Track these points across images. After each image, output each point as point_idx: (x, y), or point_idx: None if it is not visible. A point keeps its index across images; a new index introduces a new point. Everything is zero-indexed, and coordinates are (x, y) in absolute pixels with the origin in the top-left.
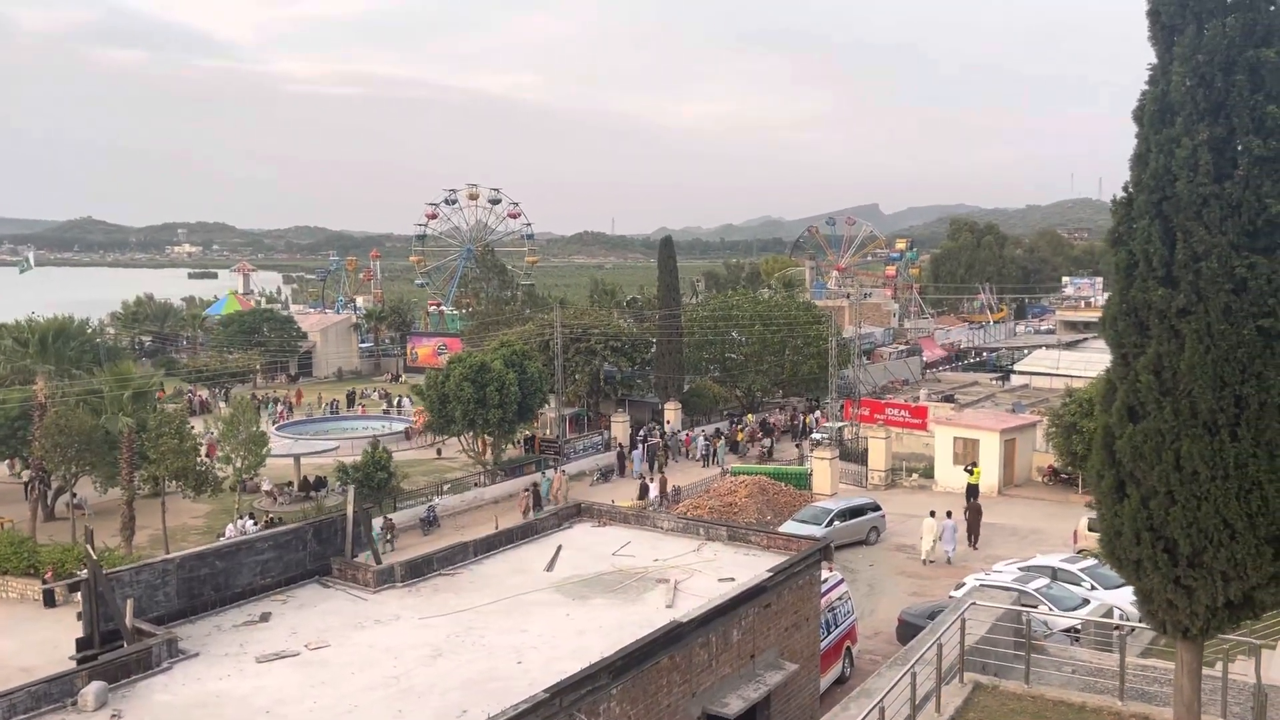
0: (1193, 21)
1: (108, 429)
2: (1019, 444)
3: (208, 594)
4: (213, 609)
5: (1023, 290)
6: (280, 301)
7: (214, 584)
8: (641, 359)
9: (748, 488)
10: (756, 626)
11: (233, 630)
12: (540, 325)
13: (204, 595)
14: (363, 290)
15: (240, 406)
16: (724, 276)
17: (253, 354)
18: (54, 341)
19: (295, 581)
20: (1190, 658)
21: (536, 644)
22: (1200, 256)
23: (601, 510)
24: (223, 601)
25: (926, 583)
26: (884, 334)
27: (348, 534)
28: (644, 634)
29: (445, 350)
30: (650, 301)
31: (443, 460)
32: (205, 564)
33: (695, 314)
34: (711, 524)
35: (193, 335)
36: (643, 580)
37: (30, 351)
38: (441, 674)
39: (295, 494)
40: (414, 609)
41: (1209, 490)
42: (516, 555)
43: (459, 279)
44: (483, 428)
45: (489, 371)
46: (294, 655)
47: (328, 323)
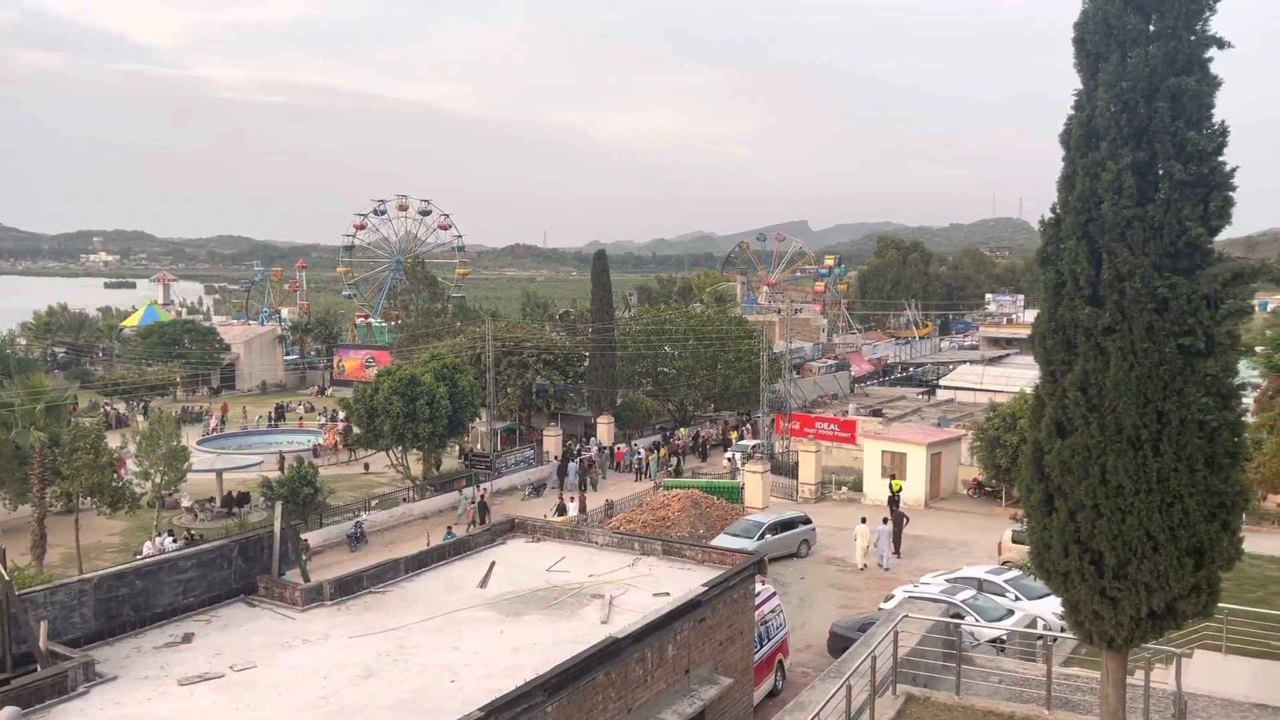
0: (1117, 50)
1: (18, 443)
2: (944, 458)
3: (127, 614)
4: (132, 630)
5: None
6: (202, 313)
7: (134, 604)
8: (574, 373)
9: (681, 502)
10: (691, 641)
11: (154, 652)
12: (471, 338)
13: (123, 616)
14: (288, 301)
15: (160, 420)
16: (656, 291)
17: (173, 366)
18: None
19: (219, 601)
20: (1115, 667)
21: (470, 662)
22: (1124, 277)
23: (535, 526)
24: (143, 622)
25: (857, 595)
26: (813, 349)
27: (274, 551)
28: (579, 650)
29: (373, 363)
30: (583, 315)
31: (370, 475)
32: (124, 583)
33: (628, 328)
34: (646, 539)
35: (109, 347)
36: (578, 596)
37: None
38: (372, 694)
39: (217, 510)
40: (343, 628)
41: (1133, 504)
42: (449, 572)
43: (388, 291)
44: (412, 442)
45: (419, 385)
46: (218, 677)
47: (251, 334)
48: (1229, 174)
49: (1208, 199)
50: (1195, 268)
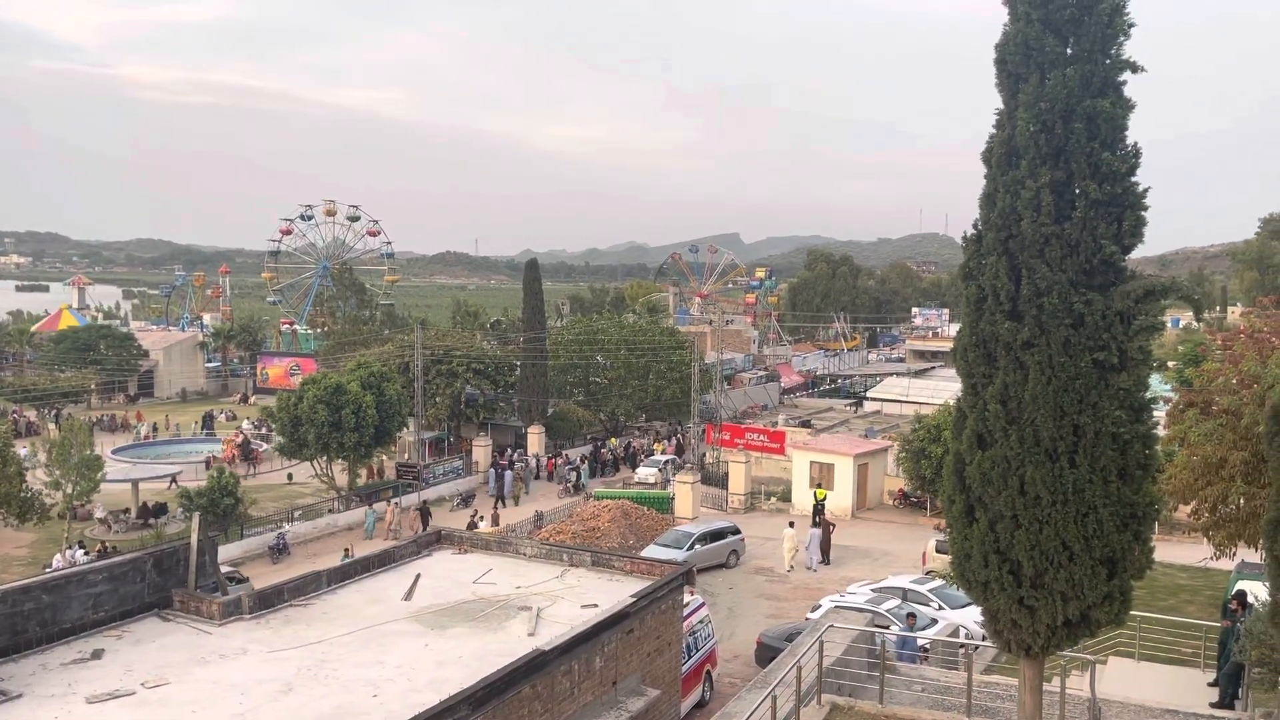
0: (1036, 71)
1: None
2: (871, 468)
3: (33, 630)
4: (38, 646)
5: (875, 320)
6: (119, 318)
7: (39, 619)
8: (505, 382)
9: (611, 512)
10: (619, 653)
11: (60, 669)
12: (400, 346)
13: (28, 632)
14: (210, 307)
15: (72, 428)
16: (589, 300)
17: (87, 373)
18: None
19: (132, 615)
20: (1032, 674)
21: (394, 676)
22: (1043, 292)
23: (462, 537)
24: (49, 638)
25: (784, 605)
26: (744, 360)
27: (191, 564)
28: (505, 663)
29: (298, 371)
30: (514, 324)
31: (294, 485)
32: (30, 598)
33: (560, 337)
34: (575, 549)
35: (20, 352)
36: (504, 608)
37: None
38: (291, 710)
39: (133, 521)
40: (263, 642)
41: (1050, 514)
42: (373, 584)
43: (314, 297)
44: (337, 451)
45: (345, 393)
46: (129, 695)
47: (171, 340)
48: (1142, 194)
49: (1121, 218)
50: (1110, 284)
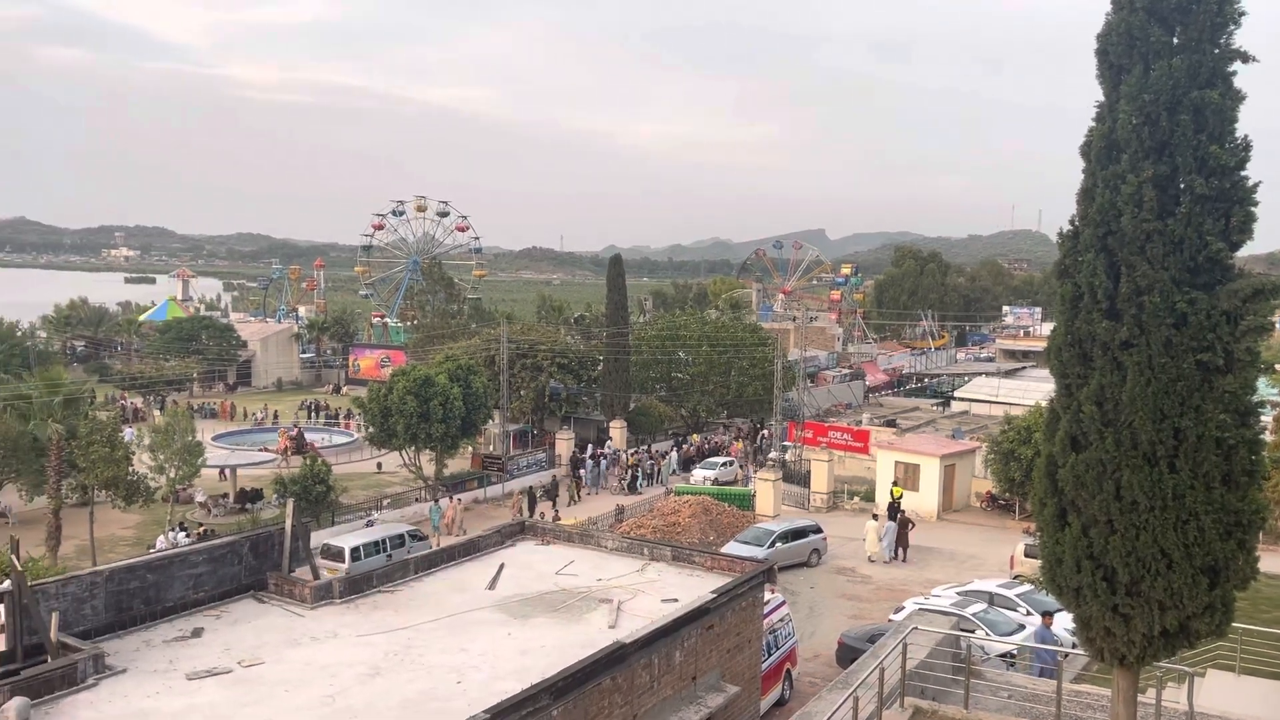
0: (1140, 61)
1: (36, 435)
2: (958, 469)
3: (137, 608)
4: (142, 624)
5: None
6: (220, 309)
7: (144, 598)
8: (588, 376)
9: (691, 508)
10: (699, 648)
11: (163, 646)
12: (486, 340)
13: (134, 609)
14: (305, 300)
15: (176, 415)
16: (672, 296)
17: (189, 362)
18: None
19: (229, 596)
20: (1126, 685)
21: (477, 664)
22: (1143, 291)
23: (545, 528)
24: (153, 616)
25: (866, 605)
26: (828, 358)
27: (285, 548)
28: (586, 655)
29: (389, 363)
30: (598, 319)
31: (383, 474)
32: (136, 577)
33: (643, 333)
34: (655, 544)
35: (128, 341)
36: (586, 600)
37: None
38: (379, 693)
39: (230, 506)
40: (352, 626)
41: (1148, 520)
42: (458, 573)
43: (404, 291)
44: (425, 442)
45: (433, 385)
46: (226, 672)
47: (268, 332)
48: (1251, 189)
49: (1229, 214)
50: (1215, 283)
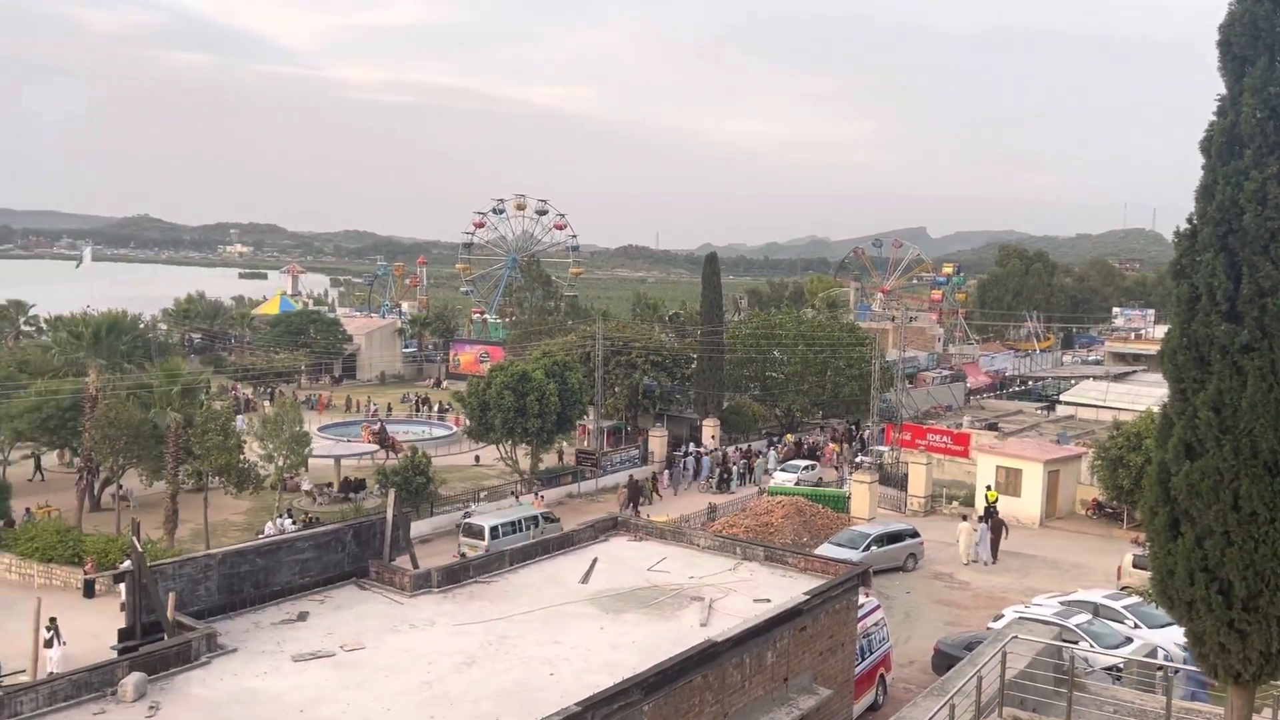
0: (1265, 53)
1: (156, 423)
2: (1063, 475)
3: (248, 590)
4: (252, 606)
5: (1071, 320)
6: (327, 304)
7: (254, 581)
8: (682, 374)
9: (785, 508)
10: (791, 649)
11: (271, 628)
12: (582, 337)
13: (244, 592)
14: (408, 296)
15: (285, 405)
16: (767, 295)
17: (298, 355)
18: (107, 335)
19: (333, 582)
20: (1241, 703)
21: (569, 656)
22: (1266, 292)
23: (638, 525)
24: (262, 599)
25: (964, 612)
26: (928, 358)
27: (386, 537)
28: (678, 651)
29: (487, 358)
30: (692, 317)
31: (480, 467)
32: (246, 561)
33: (737, 331)
34: (748, 543)
35: (241, 334)
36: (677, 597)
37: (84, 344)
38: (474, 682)
39: (334, 495)
40: (449, 615)
41: (1268, 532)
42: (552, 566)
43: (503, 288)
44: (521, 436)
45: (530, 381)
46: (330, 656)
47: (373, 326)
48: None
49: None
50: None
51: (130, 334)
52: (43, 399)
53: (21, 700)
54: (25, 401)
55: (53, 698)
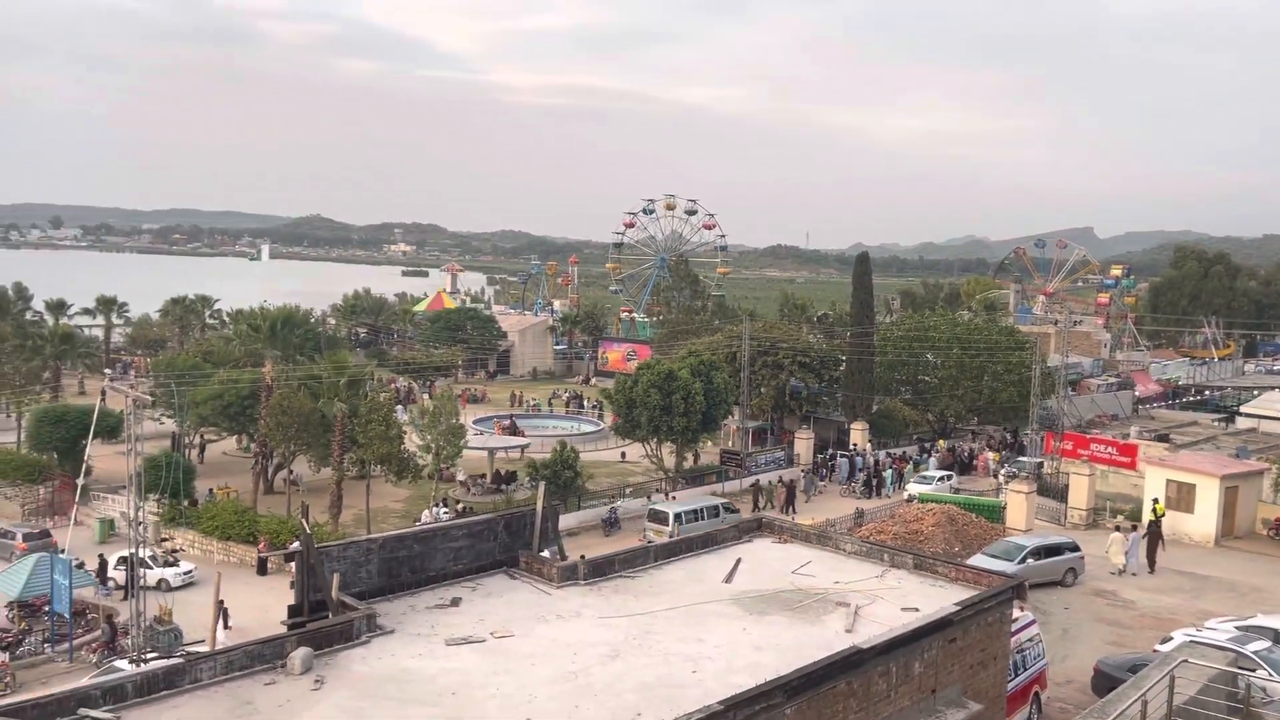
0: None
1: (324, 413)
2: (1242, 492)
3: (405, 575)
4: (409, 589)
5: (1255, 326)
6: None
7: (411, 566)
8: (830, 376)
9: (935, 516)
10: (940, 661)
11: (425, 611)
12: (729, 337)
13: (402, 576)
14: (560, 294)
15: (443, 399)
16: (921, 296)
17: (455, 350)
18: (282, 329)
19: (484, 570)
20: None
21: (712, 655)
22: None
23: (783, 526)
24: (418, 583)
25: (1127, 633)
26: (1093, 365)
27: (536, 528)
28: (822, 656)
29: (634, 356)
30: (842, 318)
31: (626, 464)
32: (404, 546)
33: (889, 333)
34: (896, 550)
35: (402, 329)
36: (822, 601)
37: (262, 337)
38: (618, 675)
39: (487, 486)
40: (594, 608)
41: None
42: (696, 564)
43: (652, 287)
44: (666, 434)
45: (676, 380)
46: (480, 641)
47: (526, 324)
48: None
49: None
50: None
51: (302, 328)
52: (224, 387)
53: (201, 668)
54: (209, 389)
55: (229, 666)
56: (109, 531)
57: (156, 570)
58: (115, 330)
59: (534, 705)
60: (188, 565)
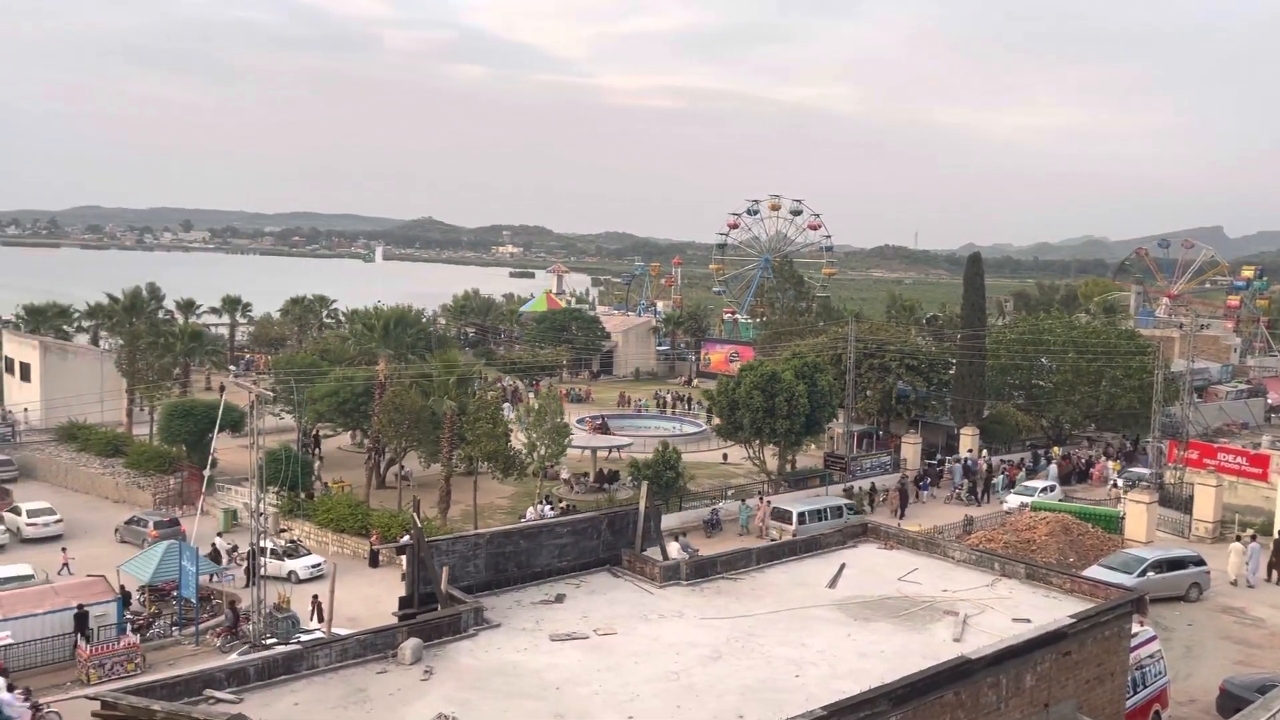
0: None
1: (434, 410)
2: None
3: (511, 570)
4: (514, 585)
5: None
6: (588, 303)
7: (517, 561)
8: (939, 380)
9: (1049, 526)
10: (1053, 674)
11: (530, 607)
12: (834, 338)
13: (508, 571)
14: (663, 295)
15: (548, 398)
16: (1036, 298)
17: (560, 350)
18: (395, 328)
19: (588, 568)
20: None
21: (815, 660)
22: None
23: (889, 532)
24: (523, 579)
25: (1256, 652)
26: (1221, 370)
27: (638, 528)
28: (928, 665)
29: (737, 358)
30: (952, 320)
31: (728, 465)
32: (511, 542)
33: (1001, 336)
34: (1008, 559)
35: (509, 329)
36: (929, 609)
37: (375, 336)
38: (719, 676)
39: (590, 485)
40: (696, 608)
41: None
42: (799, 568)
43: (755, 288)
44: (769, 437)
45: (779, 381)
46: (584, 638)
47: (629, 325)
48: None
49: None
50: None
51: (414, 327)
52: (340, 384)
53: (318, 655)
54: (325, 386)
55: (343, 654)
56: (232, 521)
57: (288, 563)
58: (239, 329)
59: (636, 704)
60: (317, 559)
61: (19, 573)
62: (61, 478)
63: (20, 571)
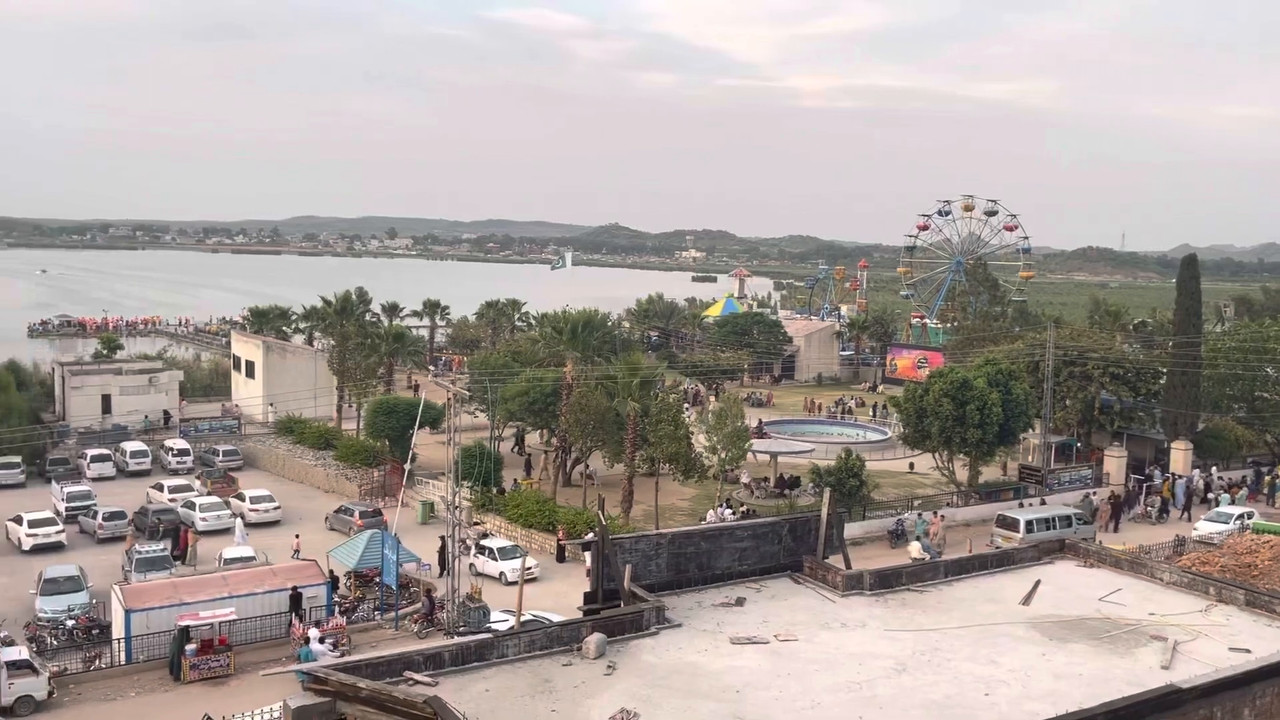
0: None
1: (618, 411)
2: None
3: (692, 571)
4: (695, 585)
5: None
6: (770, 307)
7: (698, 562)
8: (1147, 390)
9: (1274, 549)
10: (1275, 711)
11: (711, 609)
12: (1030, 344)
13: (688, 571)
14: (847, 299)
15: (729, 402)
16: (1261, 303)
17: (741, 354)
18: (582, 331)
19: (768, 573)
20: None
21: (1006, 679)
22: None
23: (1089, 550)
24: (704, 580)
25: None
26: None
27: (821, 534)
28: (1132, 692)
29: (925, 364)
30: (1163, 326)
31: (914, 475)
32: (692, 543)
33: (1219, 344)
34: (1226, 584)
35: (691, 333)
36: (1134, 633)
37: (564, 339)
38: (904, 690)
39: (770, 489)
40: (880, 619)
41: None
42: (989, 583)
43: (945, 292)
44: (959, 446)
45: (971, 389)
46: (764, 643)
47: (812, 329)
48: None
49: None
50: None
51: (600, 330)
52: (530, 385)
53: (507, 644)
54: (516, 386)
55: (531, 645)
56: (429, 513)
57: (498, 563)
58: (438, 330)
59: (817, 711)
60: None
61: (243, 554)
62: (279, 468)
63: (244, 553)
